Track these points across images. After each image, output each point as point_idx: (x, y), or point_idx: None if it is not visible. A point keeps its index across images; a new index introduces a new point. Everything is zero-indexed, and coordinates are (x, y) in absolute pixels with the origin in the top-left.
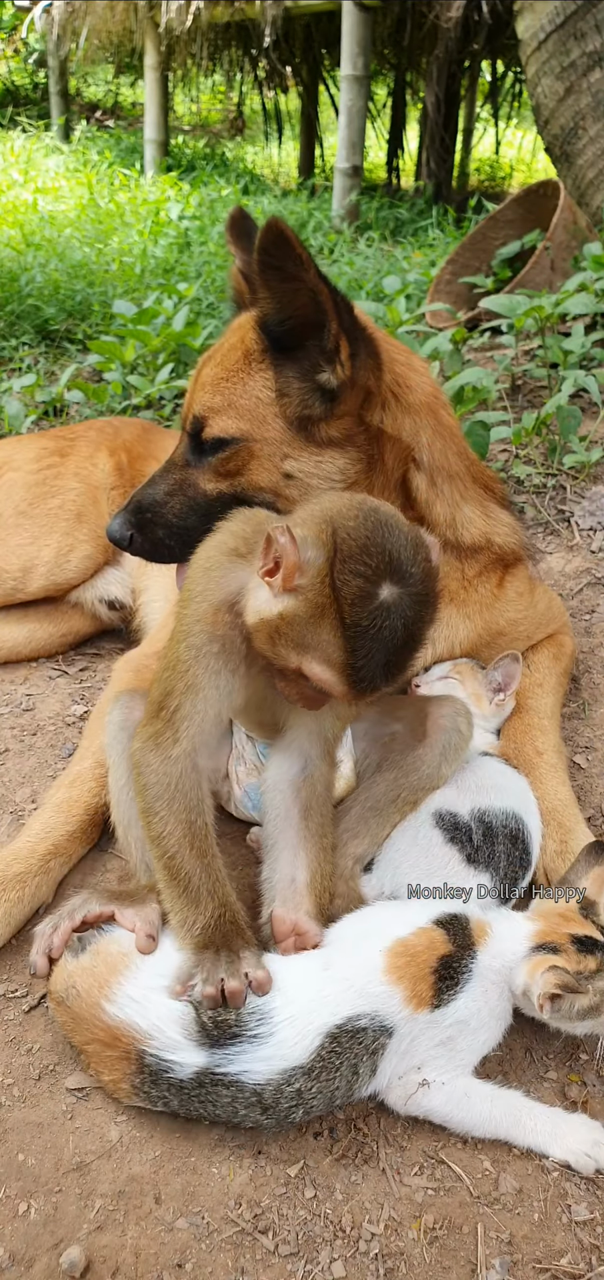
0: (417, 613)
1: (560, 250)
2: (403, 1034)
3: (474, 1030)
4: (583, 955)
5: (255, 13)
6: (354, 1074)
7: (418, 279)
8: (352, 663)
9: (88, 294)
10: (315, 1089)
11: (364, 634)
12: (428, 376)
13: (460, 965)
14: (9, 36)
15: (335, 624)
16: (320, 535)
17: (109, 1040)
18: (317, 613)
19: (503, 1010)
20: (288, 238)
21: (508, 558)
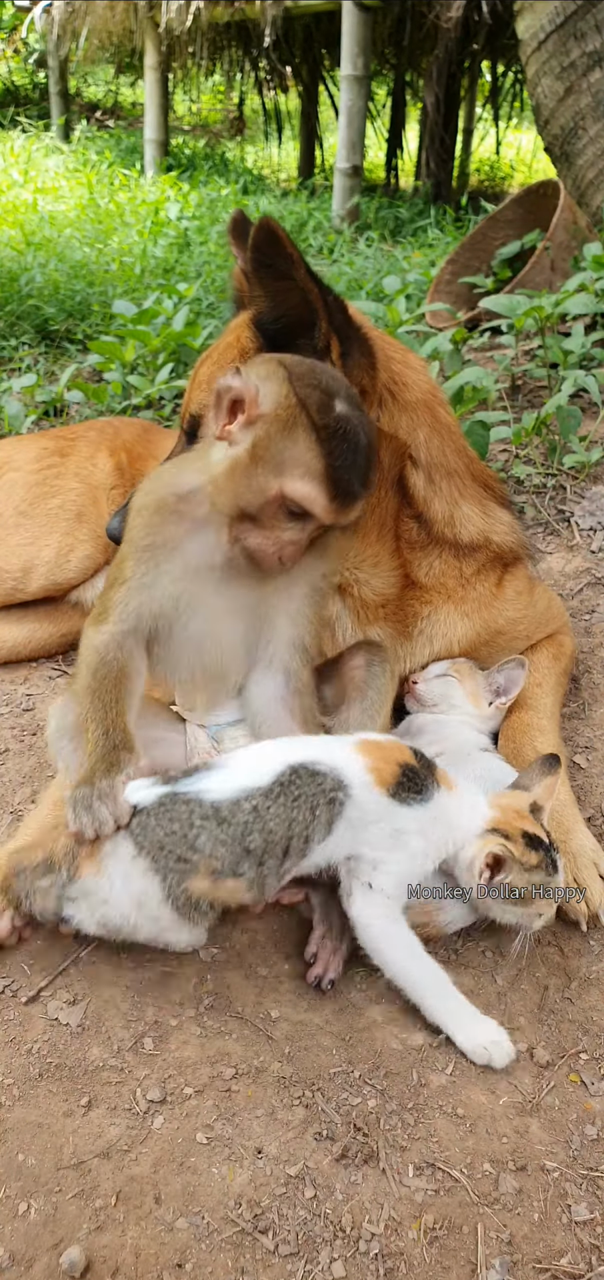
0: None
1: (560, 250)
2: (358, 803)
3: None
4: (528, 850)
5: (255, 13)
6: (311, 814)
7: (418, 279)
8: (330, 464)
9: (88, 294)
10: (273, 812)
11: (335, 435)
12: (425, 374)
13: (423, 782)
14: (9, 36)
15: (309, 430)
16: (265, 367)
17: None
18: (289, 426)
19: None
20: (278, 236)
21: (507, 556)
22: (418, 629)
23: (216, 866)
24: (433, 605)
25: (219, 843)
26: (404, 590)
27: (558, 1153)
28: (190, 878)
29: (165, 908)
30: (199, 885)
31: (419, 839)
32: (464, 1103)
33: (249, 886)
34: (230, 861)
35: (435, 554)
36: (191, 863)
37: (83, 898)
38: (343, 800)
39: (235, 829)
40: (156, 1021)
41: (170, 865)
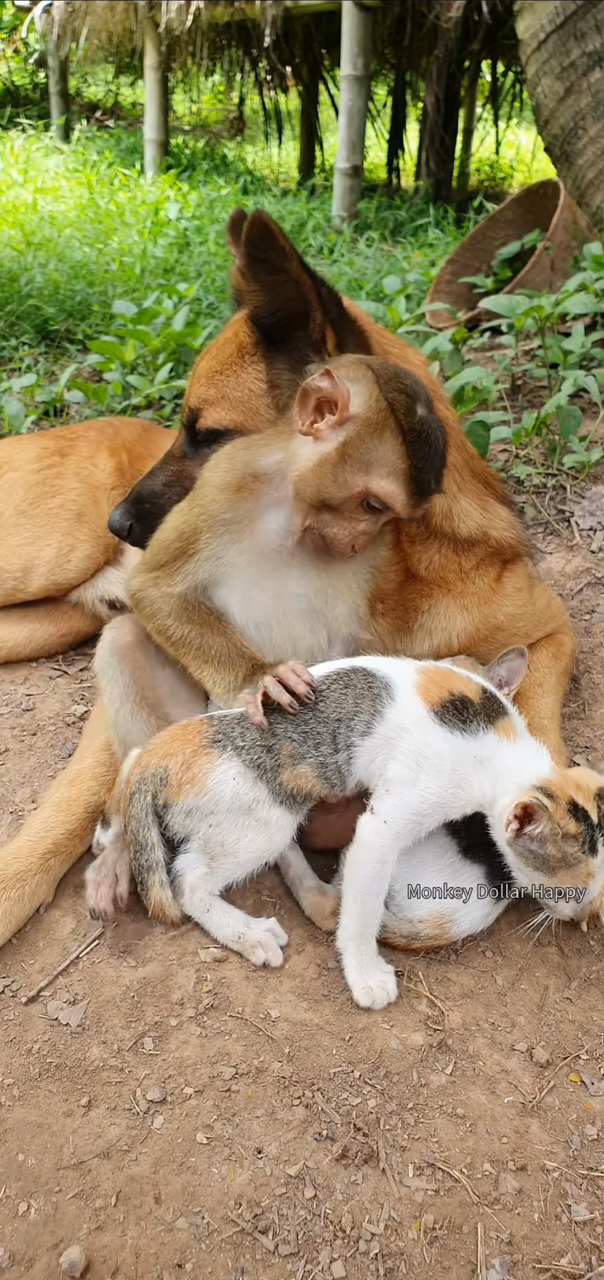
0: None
1: (560, 250)
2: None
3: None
4: (569, 817)
5: (255, 13)
6: (356, 705)
7: (418, 279)
8: (414, 464)
9: (88, 294)
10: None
11: (419, 438)
12: (424, 370)
13: (472, 716)
14: (9, 36)
15: (396, 433)
16: (354, 370)
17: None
18: (378, 428)
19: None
20: (271, 230)
21: (506, 552)
22: (418, 623)
23: (291, 750)
24: (432, 599)
25: (290, 724)
26: (404, 583)
27: (558, 1153)
28: (279, 770)
29: (272, 808)
30: (286, 776)
31: (450, 768)
32: (464, 1103)
33: (317, 773)
34: (298, 742)
35: (434, 547)
36: (275, 752)
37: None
38: (385, 702)
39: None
40: (156, 1021)
41: (264, 763)
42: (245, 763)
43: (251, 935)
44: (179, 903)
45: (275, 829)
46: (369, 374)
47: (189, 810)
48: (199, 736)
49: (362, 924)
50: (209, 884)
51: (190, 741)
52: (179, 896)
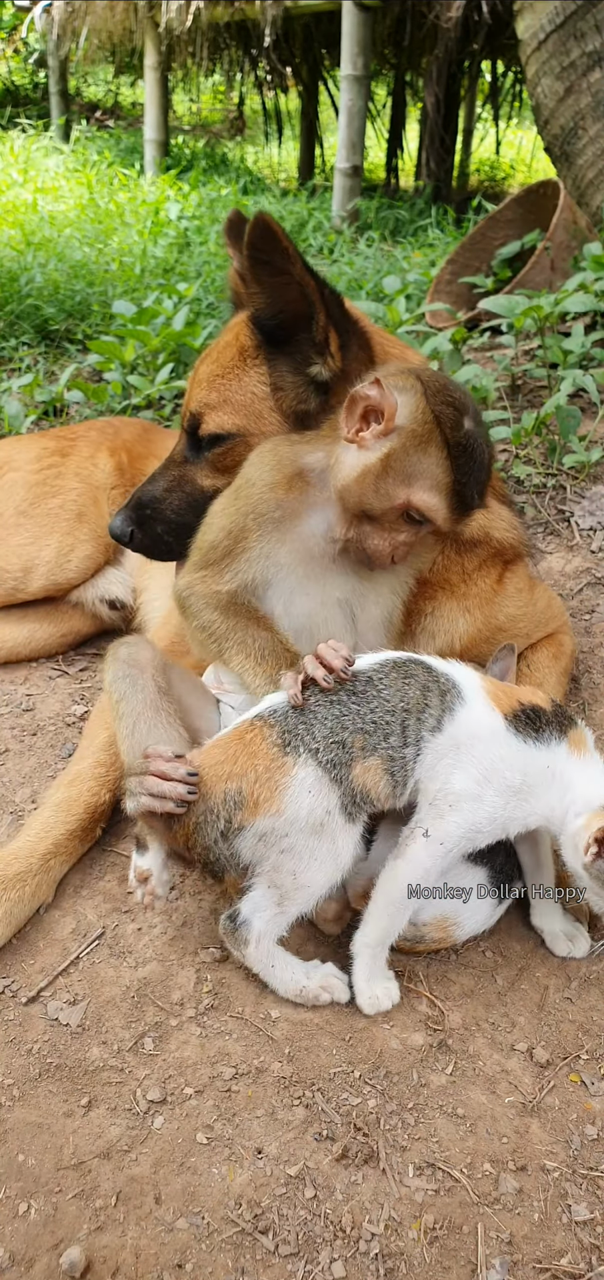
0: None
1: (560, 250)
2: (471, 711)
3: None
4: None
5: (255, 13)
6: (423, 696)
7: (418, 279)
8: (457, 479)
9: (87, 294)
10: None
11: (464, 453)
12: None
13: (545, 726)
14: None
15: (441, 446)
16: (403, 380)
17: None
18: (423, 441)
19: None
20: (274, 231)
21: (507, 553)
22: (421, 625)
23: (363, 741)
24: (436, 601)
25: (357, 715)
26: None
27: (558, 1153)
28: (351, 765)
29: (340, 818)
30: (356, 772)
31: (520, 782)
32: (464, 1103)
33: (385, 767)
34: (368, 732)
35: (438, 549)
36: (347, 744)
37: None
38: (455, 700)
39: (363, 700)
40: (157, 1022)
41: (338, 759)
42: (321, 763)
43: (312, 987)
44: (242, 952)
45: (342, 845)
46: (418, 385)
47: (263, 834)
48: (264, 744)
49: (384, 935)
50: (276, 929)
51: (256, 752)
52: (242, 945)
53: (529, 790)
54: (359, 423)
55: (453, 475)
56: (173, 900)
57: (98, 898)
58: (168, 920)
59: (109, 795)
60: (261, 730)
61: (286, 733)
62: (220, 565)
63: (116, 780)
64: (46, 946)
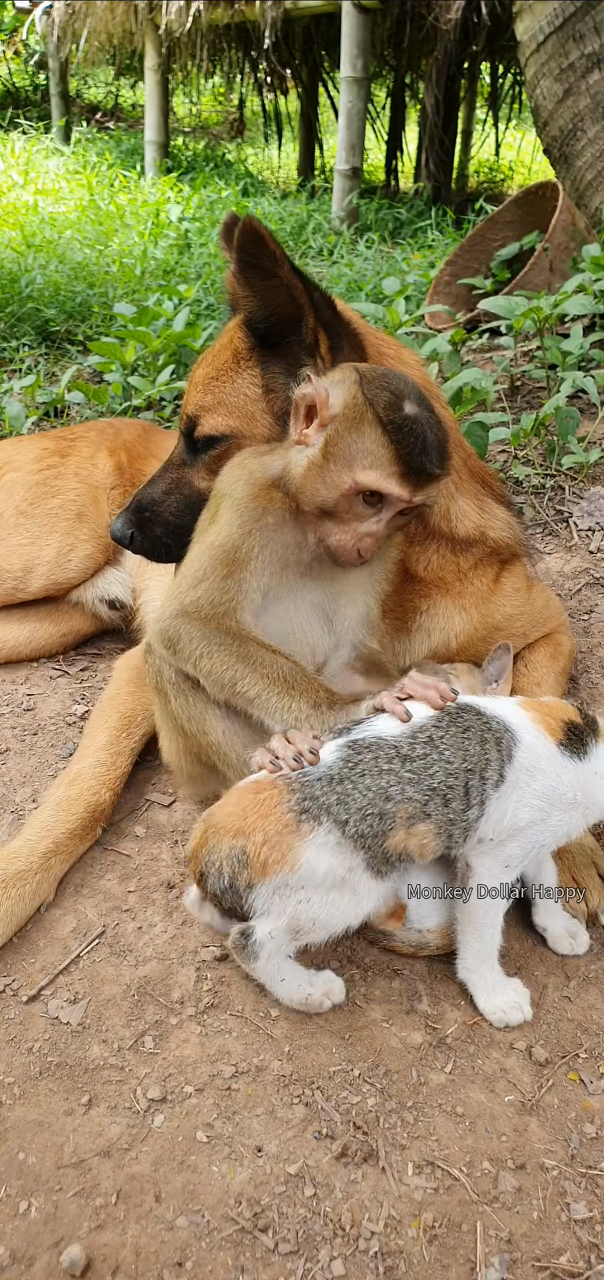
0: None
1: (559, 252)
2: (528, 749)
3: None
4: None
5: (255, 15)
6: (482, 748)
7: (417, 280)
8: (398, 451)
9: (88, 295)
10: (446, 741)
11: (401, 427)
12: (420, 370)
13: (586, 739)
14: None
15: (374, 423)
16: (339, 374)
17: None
18: (356, 421)
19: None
20: (261, 235)
21: (504, 553)
22: (416, 623)
23: (410, 811)
24: (431, 599)
25: (407, 783)
26: (403, 584)
27: (557, 1151)
28: (389, 834)
29: (365, 876)
30: (396, 839)
31: (581, 797)
32: (464, 1101)
33: (437, 831)
34: (420, 802)
35: (433, 548)
36: (388, 815)
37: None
38: (512, 744)
39: (418, 764)
40: (157, 1020)
41: (373, 829)
42: (348, 834)
43: (316, 995)
44: (251, 965)
45: (364, 897)
46: (353, 374)
47: (277, 888)
48: (280, 808)
49: (482, 952)
50: (287, 951)
51: (270, 815)
52: (252, 960)
53: (587, 799)
54: (303, 422)
55: (393, 448)
56: (173, 900)
57: (98, 896)
58: (168, 919)
59: (109, 795)
60: (280, 792)
61: (308, 800)
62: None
63: (117, 780)
64: (47, 945)
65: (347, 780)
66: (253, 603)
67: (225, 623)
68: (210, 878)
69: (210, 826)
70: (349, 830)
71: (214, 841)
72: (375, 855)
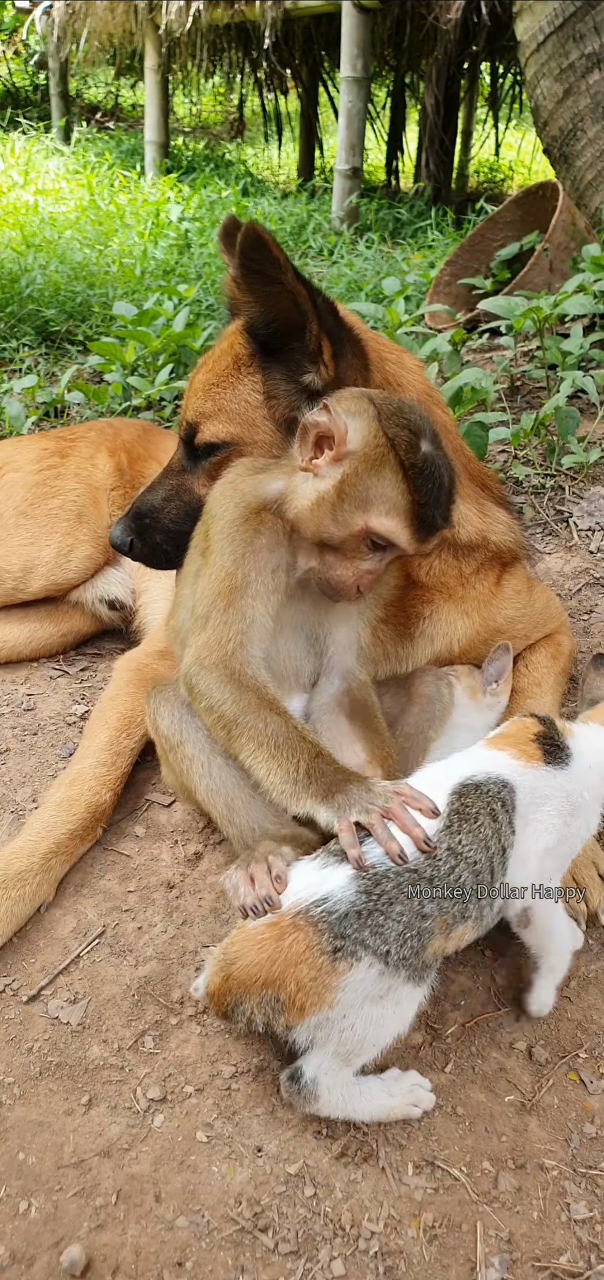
0: (449, 468)
1: (559, 252)
2: (524, 787)
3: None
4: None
5: (255, 15)
6: (494, 822)
7: (417, 280)
8: (415, 501)
9: (88, 295)
10: (466, 842)
11: (421, 474)
12: (420, 375)
13: (559, 741)
14: (9, 38)
15: (396, 469)
16: (355, 404)
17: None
18: (377, 465)
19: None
20: (264, 241)
21: (505, 556)
22: (419, 629)
23: (448, 920)
24: (434, 604)
25: (440, 899)
26: (405, 590)
27: (557, 1151)
28: (428, 945)
29: (406, 988)
30: (435, 946)
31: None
32: (463, 1101)
33: (475, 924)
34: (457, 910)
35: (435, 553)
36: (426, 931)
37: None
38: (511, 796)
39: (446, 879)
40: (157, 1020)
41: (413, 949)
42: (390, 963)
43: (399, 1106)
44: (314, 1107)
45: (407, 1003)
46: (370, 408)
47: (318, 1024)
48: (311, 952)
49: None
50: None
51: (301, 962)
52: (312, 1102)
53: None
54: (312, 450)
55: (410, 497)
56: (173, 900)
57: (98, 896)
58: (168, 919)
59: (110, 795)
60: (306, 935)
61: (339, 939)
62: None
63: (117, 780)
64: (47, 945)
65: (376, 912)
66: (262, 630)
67: (232, 664)
68: (239, 1021)
69: (232, 979)
70: (392, 959)
71: (239, 993)
72: (416, 967)
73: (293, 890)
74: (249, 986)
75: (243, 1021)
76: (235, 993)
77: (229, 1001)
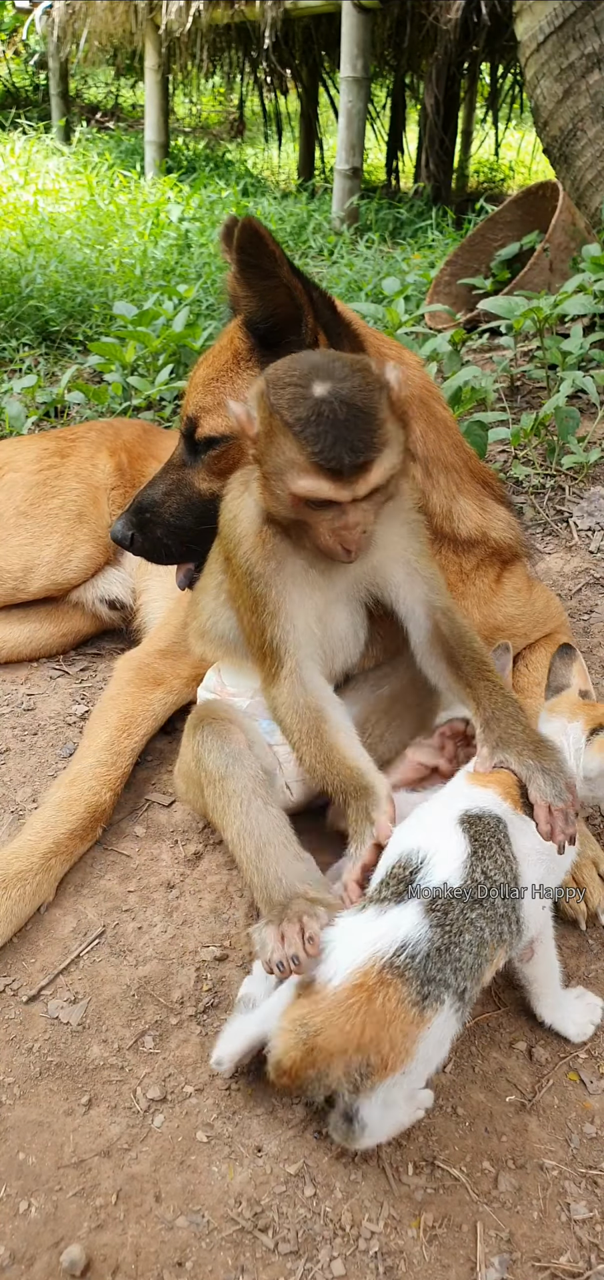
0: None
1: (559, 252)
2: (514, 827)
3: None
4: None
5: (255, 15)
6: (501, 848)
7: (417, 280)
8: (311, 450)
9: (88, 295)
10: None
11: (307, 423)
12: (420, 370)
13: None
14: (9, 38)
15: (284, 431)
16: (255, 387)
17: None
18: (271, 436)
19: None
20: (261, 235)
21: (505, 553)
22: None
23: (496, 945)
24: None
25: (489, 920)
26: None
27: (557, 1151)
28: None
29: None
30: (486, 976)
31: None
32: (463, 1101)
33: (510, 947)
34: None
35: (435, 548)
36: (485, 959)
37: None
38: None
39: (488, 901)
40: (157, 1020)
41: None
42: (461, 997)
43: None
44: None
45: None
46: (261, 383)
47: (394, 1082)
48: (400, 1007)
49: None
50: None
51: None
52: (356, 1140)
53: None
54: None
55: (306, 451)
56: (173, 900)
57: (98, 897)
58: (168, 919)
59: (110, 795)
60: (396, 988)
61: (427, 984)
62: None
63: (117, 780)
64: (47, 945)
65: (452, 945)
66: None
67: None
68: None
69: (318, 1050)
70: (468, 996)
71: (324, 1065)
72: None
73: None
74: (335, 1055)
75: (321, 1094)
76: (320, 1065)
77: (311, 1075)
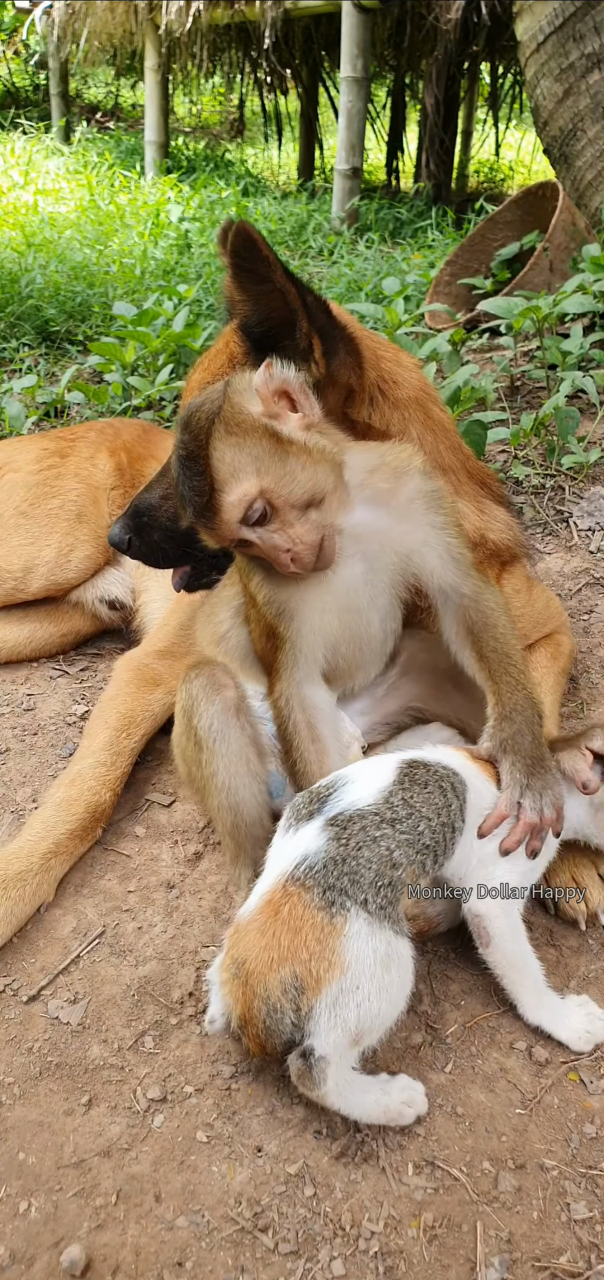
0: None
1: (559, 251)
2: (475, 790)
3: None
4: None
5: (255, 15)
6: (444, 797)
7: (417, 280)
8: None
9: (88, 295)
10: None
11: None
12: (417, 373)
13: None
14: (9, 38)
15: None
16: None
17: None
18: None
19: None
20: (254, 240)
21: (504, 554)
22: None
23: (416, 870)
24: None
25: (405, 845)
26: None
27: (557, 1151)
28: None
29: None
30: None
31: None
32: (463, 1101)
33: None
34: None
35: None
36: (398, 881)
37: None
38: (462, 786)
39: (405, 825)
40: (157, 1020)
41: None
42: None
43: (394, 1104)
44: (317, 1092)
45: (406, 966)
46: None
47: (335, 999)
48: (306, 912)
49: (533, 982)
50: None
51: (300, 925)
52: (317, 1086)
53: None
54: None
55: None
56: (173, 900)
57: (98, 897)
58: (168, 919)
59: (109, 795)
60: (299, 897)
61: (328, 890)
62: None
63: (117, 780)
64: (47, 945)
65: (349, 858)
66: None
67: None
68: (272, 1030)
69: (248, 974)
70: (371, 907)
71: (260, 988)
72: (395, 920)
73: (273, 868)
74: (264, 973)
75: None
76: (259, 991)
77: (257, 1009)
